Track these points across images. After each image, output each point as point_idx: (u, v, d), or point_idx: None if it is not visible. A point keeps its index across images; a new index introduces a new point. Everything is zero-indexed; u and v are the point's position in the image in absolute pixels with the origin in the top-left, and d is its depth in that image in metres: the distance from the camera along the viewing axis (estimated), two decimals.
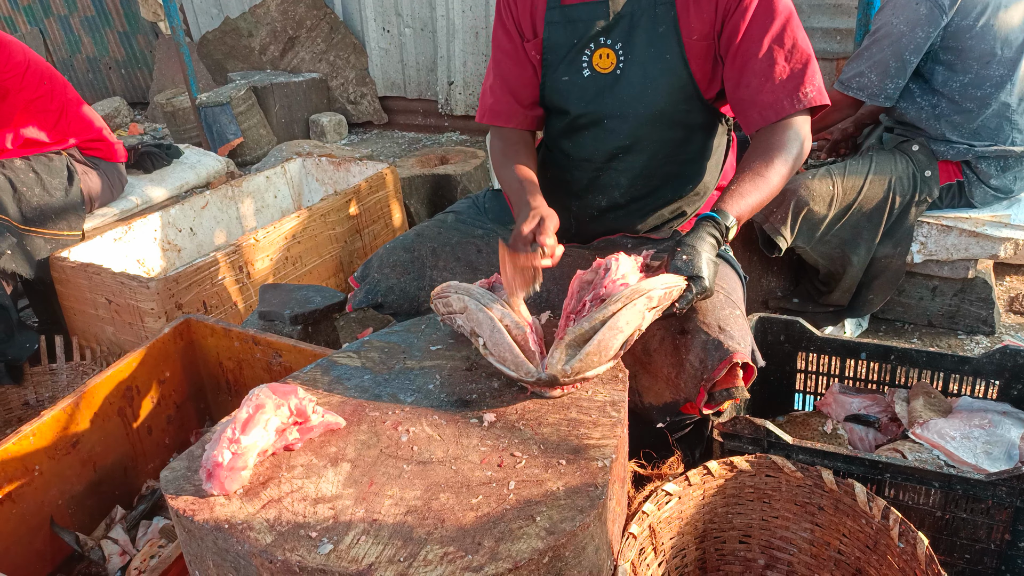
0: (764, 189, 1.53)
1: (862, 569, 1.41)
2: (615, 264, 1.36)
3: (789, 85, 1.56)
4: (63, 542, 1.75)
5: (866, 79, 2.46)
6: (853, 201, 2.50)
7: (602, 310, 1.25)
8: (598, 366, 1.25)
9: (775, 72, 1.56)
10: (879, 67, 2.43)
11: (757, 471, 1.47)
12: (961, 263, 2.65)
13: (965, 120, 2.47)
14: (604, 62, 1.69)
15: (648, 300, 1.28)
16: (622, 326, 1.24)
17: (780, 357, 2.00)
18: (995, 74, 2.40)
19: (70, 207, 2.88)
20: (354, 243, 3.21)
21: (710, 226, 1.46)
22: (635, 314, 1.26)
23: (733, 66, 1.60)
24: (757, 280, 2.86)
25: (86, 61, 7.47)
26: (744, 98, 1.60)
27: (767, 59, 1.56)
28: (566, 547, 1.00)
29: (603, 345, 1.23)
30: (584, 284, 1.40)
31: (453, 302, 1.37)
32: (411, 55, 5.69)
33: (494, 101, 1.84)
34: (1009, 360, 1.77)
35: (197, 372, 2.12)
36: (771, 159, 1.54)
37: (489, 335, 1.28)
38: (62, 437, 1.76)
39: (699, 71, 1.65)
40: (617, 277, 1.33)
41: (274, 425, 1.14)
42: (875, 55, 2.44)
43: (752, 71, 1.57)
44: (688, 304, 1.36)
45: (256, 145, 5.48)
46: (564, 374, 1.22)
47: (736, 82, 1.61)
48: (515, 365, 1.25)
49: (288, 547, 0.99)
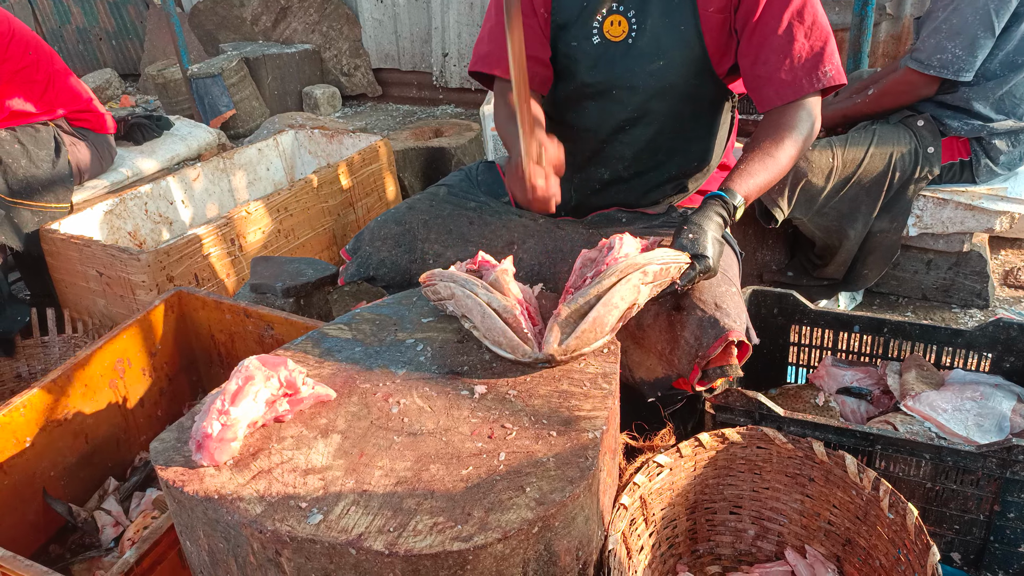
0: (773, 169, 1.52)
1: (852, 539, 1.42)
2: (619, 243, 1.35)
3: (808, 64, 1.53)
4: (56, 513, 1.75)
5: (949, 54, 2.32)
6: (852, 174, 2.47)
7: (596, 285, 1.24)
8: (594, 342, 1.25)
9: (794, 49, 1.53)
10: (964, 38, 2.29)
11: (748, 443, 1.48)
12: (956, 236, 2.64)
13: (995, 87, 2.38)
14: (615, 29, 1.64)
15: (643, 275, 1.27)
16: (617, 301, 1.24)
17: (773, 330, 1.99)
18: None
19: (58, 179, 2.85)
20: (347, 216, 3.18)
21: (718, 205, 1.45)
22: (630, 289, 1.25)
23: (751, 41, 1.57)
24: (752, 253, 2.85)
25: (76, 32, 7.35)
26: (761, 75, 1.57)
27: (787, 36, 1.53)
28: (555, 517, 1.00)
29: (599, 321, 1.23)
30: (588, 261, 1.39)
31: (440, 290, 1.36)
32: (405, 26, 5.62)
33: (489, 49, 1.74)
34: (1002, 333, 1.77)
35: (189, 345, 2.11)
36: (782, 139, 1.53)
37: (480, 321, 1.27)
38: (53, 409, 1.75)
39: (713, 45, 1.60)
40: (620, 256, 1.31)
41: (264, 397, 1.14)
42: (956, 26, 2.30)
43: (771, 47, 1.54)
44: (690, 282, 1.36)
45: (248, 117, 5.42)
46: (561, 352, 1.22)
47: (754, 58, 1.57)
48: (511, 348, 1.25)
49: (278, 517, 0.98)
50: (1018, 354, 1.77)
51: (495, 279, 1.32)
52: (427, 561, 0.94)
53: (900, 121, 2.54)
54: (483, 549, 0.94)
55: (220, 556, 1.06)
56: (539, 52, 1.72)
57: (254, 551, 1.00)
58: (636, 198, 1.78)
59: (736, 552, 1.57)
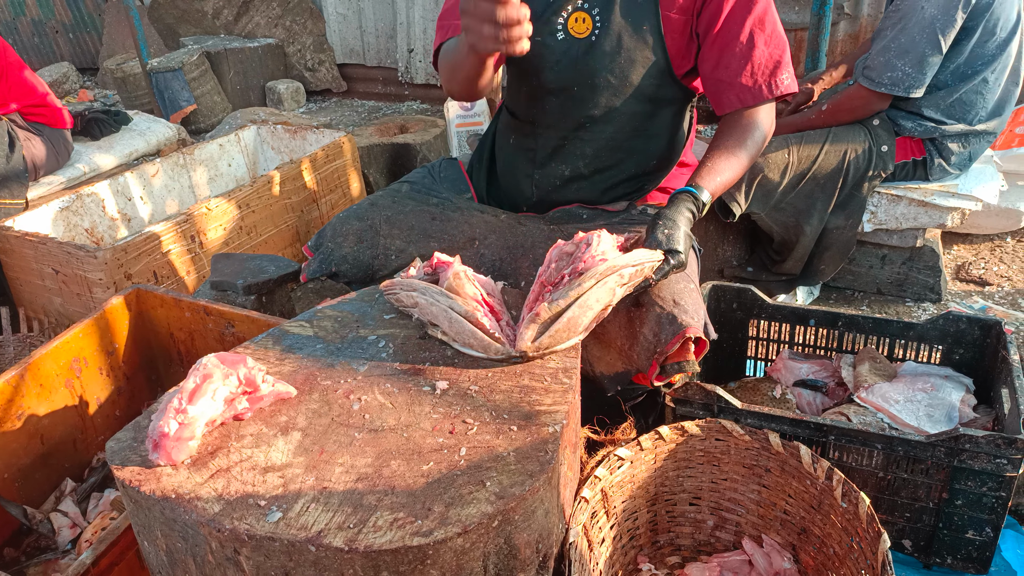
0: (736, 168, 1.57)
1: (807, 528, 1.45)
2: (596, 240, 1.37)
3: (768, 71, 1.58)
4: (10, 516, 1.71)
5: (899, 72, 2.39)
6: (808, 170, 2.52)
7: (575, 287, 1.28)
8: (566, 341, 1.29)
9: (755, 56, 1.57)
10: (912, 56, 2.35)
11: (707, 435, 1.50)
12: (910, 232, 2.71)
13: (945, 95, 2.46)
14: (580, 26, 1.64)
15: (620, 277, 1.31)
16: (592, 304, 1.28)
17: (732, 324, 2.03)
18: (988, 52, 2.40)
19: (11, 175, 2.79)
20: (311, 212, 3.16)
21: (688, 200, 1.49)
22: (606, 292, 1.30)
23: (713, 46, 1.60)
24: (713, 249, 2.89)
25: (31, 24, 7.18)
26: (723, 79, 1.60)
27: (749, 43, 1.57)
28: (515, 511, 1.01)
29: (573, 323, 1.27)
30: (564, 255, 1.40)
31: (404, 299, 1.38)
32: (370, 21, 5.59)
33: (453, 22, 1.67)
34: (952, 326, 1.82)
35: (148, 343, 2.08)
36: (744, 140, 1.58)
37: (448, 326, 1.30)
38: (7, 409, 1.71)
39: (673, 47, 1.63)
40: (597, 253, 1.34)
41: (222, 395, 1.13)
42: (904, 44, 2.36)
43: (732, 53, 1.58)
44: (663, 276, 1.39)
45: (210, 112, 5.34)
46: (534, 350, 1.26)
47: (715, 63, 1.60)
48: (482, 348, 1.27)
49: (236, 516, 0.98)
50: (967, 346, 1.82)
51: (450, 284, 1.33)
52: (387, 557, 0.94)
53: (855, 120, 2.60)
54: (443, 544, 0.95)
55: (178, 556, 1.05)
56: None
57: (212, 550, 1.00)
58: (596, 195, 1.79)
59: (696, 543, 1.59)
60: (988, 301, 2.85)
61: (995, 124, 2.53)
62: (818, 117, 2.59)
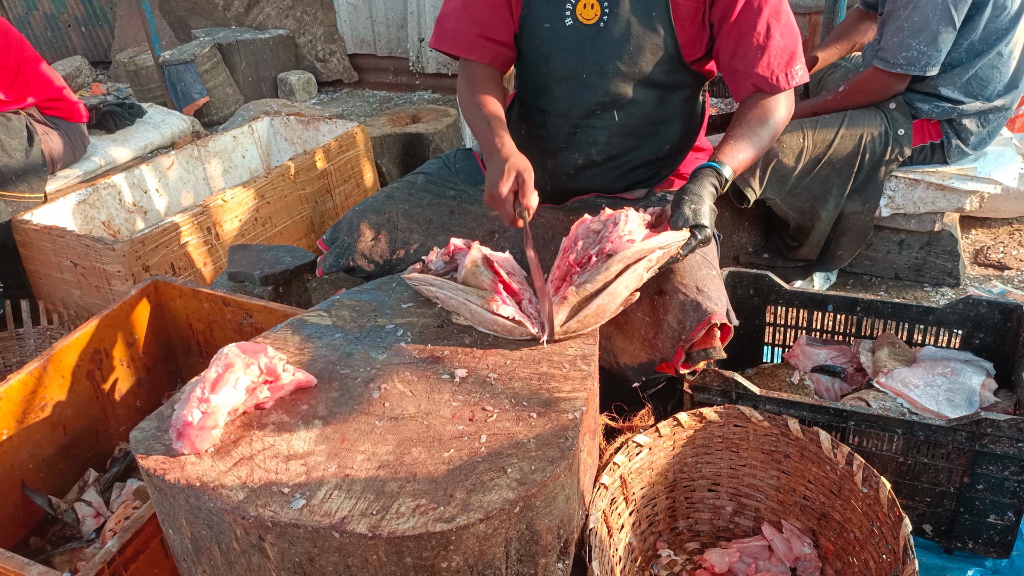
0: (757, 147, 1.58)
1: (827, 513, 1.45)
2: (623, 219, 1.38)
3: (783, 61, 1.59)
4: (36, 505, 1.74)
5: (915, 51, 2.36)
6: (823, 155, 2.50)
7: (603, 271, 1.30)
8: (593, 325, 1.32)
9: (771, 46, 1.58)
10: (927, 34, 2.33)
11: (726, 421, 1.50)
12: (928, 216, 2.68)
13: (961, 72, 2.43)
14: (588, 12, 1.64)
15: (648, 262, 1.33)
16: (620, 291, 1.31)
17: (749, 311, 2.02)
18: (1002, 26, 2.37)
19: (31, 168, 2.80)
20: (325, 203, 3.17)
21: (712, 175, 1.50)
22: (634, 278, 1.32)
23: (730, 36, 1.60)
24: (729, 236, 2.88)
25: (43, 18, 7.20)
26: (739, 69, 1.62)
27: (766, 34, 1.57)
28: (536, 497, 1.01)
29: (602, 309, 1.31)
30: (590, 233, 1.41)
31: (424, 292, 1.42)
32: (380, 11, 5.57)
33: (455, 28, 1.74)
34: (971, 310, 1.81)
35: (167, 334, 2.10)
36: (764, 122, 1.59)
37: (470, 316, 1.33)
38: (30, 401, 1.74)
39: (683, 34, 1.63)
40: (624, 233, 1.36)
41: (244, 384, 1.14)
42: (918, 23, 2.33)
43: (749, 44, 1.58)
44: (691, 251, 1.41)
45: (223, 104, 5.35)
46: (562, 333, 1.30)
47: (732, 52, 1.61)
48: (507, 332, 1.31)
49: (260, 503, 0.99)
50: (987, 330, 1.81)
51: (465, 277, 1.35)
52: (410, 543, 0.95)
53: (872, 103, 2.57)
54: (465, 529, 0.96)
55: (203, 543, 1.06)
56: (506, 36, 1.72)
57: (237, 537, 1.01)
58: (611, 182, 1.79)
59: (714, 528, 1.60)
60: (1007, 285, 2.82)
61: (1011, 98, 2.50)
62: (834, 100, 2.57)
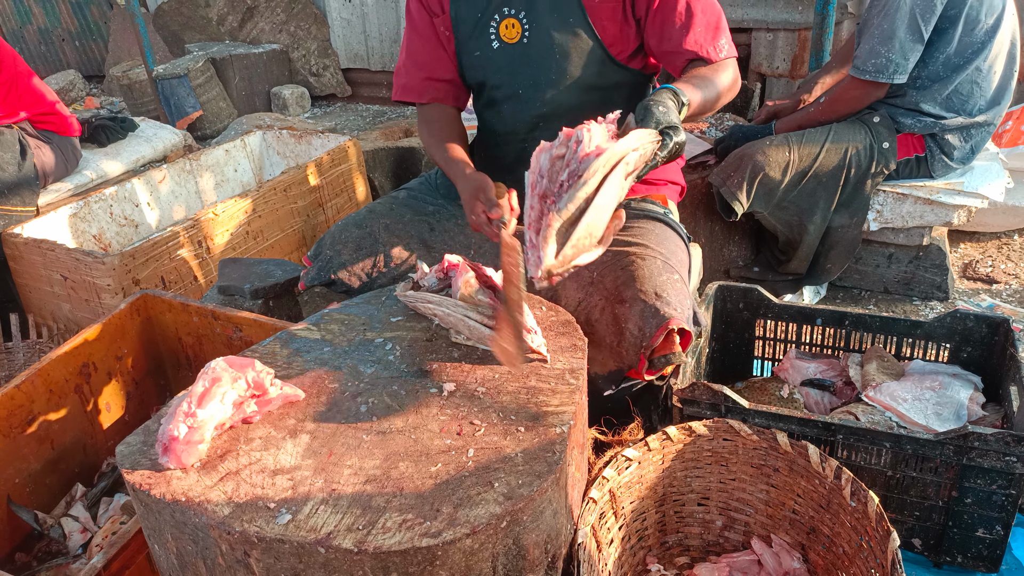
0: (711, 89, 1.52)
1: (816, 527, 1.45)
2: (587, 135, 1.21)
3: (709, 36, 1.63)
4: (22, 520, 1.72)
5: (882, 59, 2.40)
6: (808, 168, 2.53)
7: (582, 187, 1.16)
8: (588, 251, 1.18)
9: (694, 23, 1.62)
10: (895, 42, 2.37)
11: (715, 435, 1.50)
12: (916, 230, 2.70)
13: (941, 88, 2.46)
14: (510, 32, 1.71)
15: (626, 166, 1.20)
16: (608, 201, 1.17)
17: (739, 324, 2.03)
18: (976, 40, 2.40)
19: (23, 182, 2.80)
20: (317, 217, 3.17)
21: (670, 95, 1.39)
22: (616, 186, 1.18)
23: (654, 22, 1.65)
24: (719, 250, 2.89)
25: (37, 32, 7.22)
26: (669, 50, 1.66)
27: (686, 12, 1.62)
28: (524, 511, 1.01)
29: (592, 227, 1.16)
30: (555, 160, 1.24)
31: (421, 309, 1.42)
32: (374, 25, 5.60)
33: (407, 78, 1.86)
34: (959, 324, 1.82)
35: (156, 348, 2.09)
36: (709, 78, 1.54)
37: (469, 332, 1.33)
38: (16, 415, 1.73)
39: (605, 33, 1.68)
40: (591, 150, 1.20)
41: (231, 398, 1.13)
42: (887, 31, 2.37)
43: (673, 24, 1.63)
44: (669, 154, 1.29)
45: (216, 118, 5.37)
46: (559, 265, 1.16)
47: (659, 37, 1.66)
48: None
49: (246, 518, 0.98)
50: (975, 344, 1.82)
51: (462, 294, 1.35)
52: (396, 558, 0.94)
53: (856, 118, 2.60)
54: (452, 544, 0.95)
55: (188, 558, 1.06)
56: (451, 75, 1.83)
57: (223, 552, 1.00)
58: None
59: (704, 543, 1.59)
60: (996, 299, 2.84)
61: (994, 114, 2.53)
62: (818, 112, 2.60)
